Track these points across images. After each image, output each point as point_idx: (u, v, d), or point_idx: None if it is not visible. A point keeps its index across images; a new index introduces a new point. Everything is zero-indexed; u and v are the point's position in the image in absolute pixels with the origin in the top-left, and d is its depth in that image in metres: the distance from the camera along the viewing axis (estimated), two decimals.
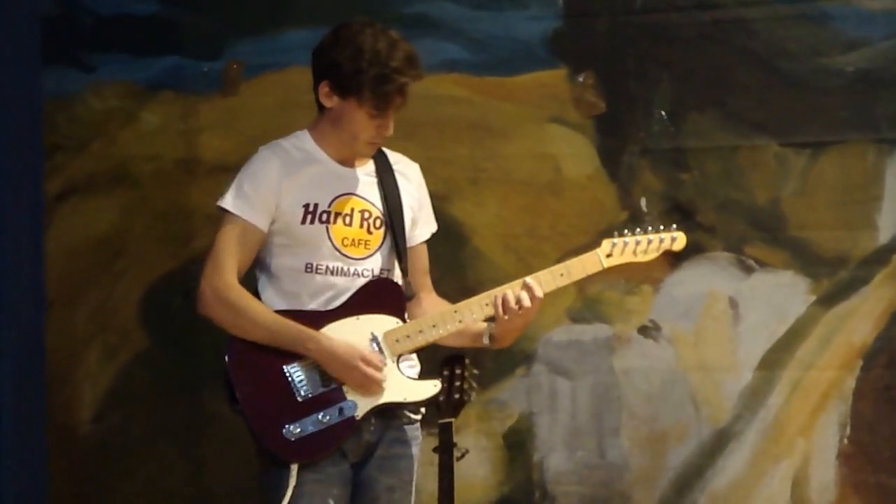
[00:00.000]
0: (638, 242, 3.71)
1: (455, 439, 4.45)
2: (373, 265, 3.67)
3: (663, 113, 5.06)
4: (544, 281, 3.65)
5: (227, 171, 3.69)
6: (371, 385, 3.54)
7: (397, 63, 3.58)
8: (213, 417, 5.24)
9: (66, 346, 5.44)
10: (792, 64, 4.94)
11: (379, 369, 3.56)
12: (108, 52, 5.42)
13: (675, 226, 3.75)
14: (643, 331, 5.08)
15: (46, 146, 5.38)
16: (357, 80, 3.56)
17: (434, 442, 4.07)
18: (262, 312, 3.56)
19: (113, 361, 5.44)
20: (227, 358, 3.56)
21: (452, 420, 4.46)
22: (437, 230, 3.96)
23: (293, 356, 3.56)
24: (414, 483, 3.70)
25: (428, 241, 3.91)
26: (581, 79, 5.12)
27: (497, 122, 5.16)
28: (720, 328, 5.03)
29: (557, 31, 5.13)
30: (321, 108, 3.67)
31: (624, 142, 5.08)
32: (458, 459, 4.52)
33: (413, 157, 5.07)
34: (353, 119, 3.61)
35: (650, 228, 3.72)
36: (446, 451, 4.45)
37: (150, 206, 5.43)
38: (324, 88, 3.62)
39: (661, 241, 3.74)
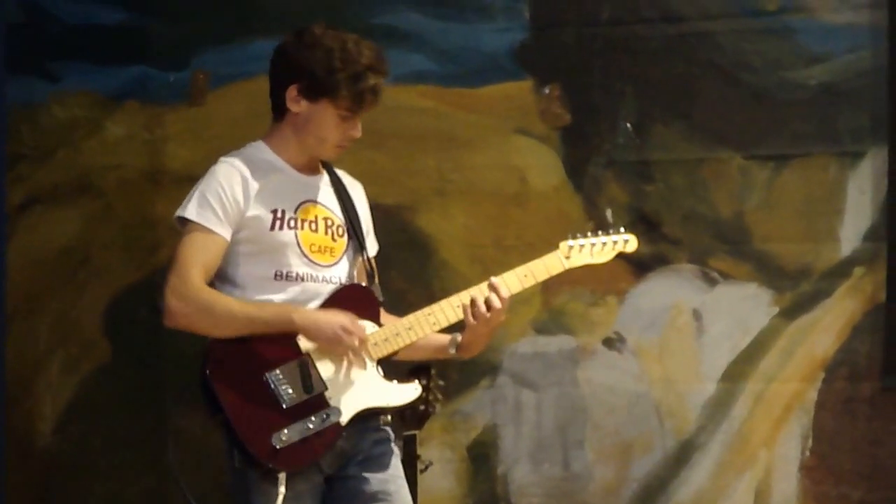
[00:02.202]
0: (593, 245, 3.74)
1: (419, 451, 4.46)
2: (339, 273, 3.65)
3: (628, 125, 5.08)
4: (510, 282, 3.65)
5: (193, 181, 3.66)
6: (357, 349, 3.51)
7: (368, 60, 3.58)
8: (177, 430, 5.22)
9: (27, 357, 5.41)
10: (756, 77, 4.98)
11: (363, 330, 3.54)
12: (73, 60, 5.41)
13: (623, 229, 3.78)
14: (608, 343, 5.10)
15: (9, 155, 5.36)
16: (331, 80, 3.55)
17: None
18: (237, 303, 3.52)
19: (75, 373, 5.41)
20: (206, 369, 3.49)
21: (416, 432, 4.46)
22: (404, 240, 3.95)
23: (274, 363, 3.52)
24: (404, 478, 3.65)
25: (393, 251, 3.89)
26: (547, 90, 5.14)
27: (463, 133, 5.18)
28: (684, 340, 5.04)
29: (524, 43, 5.15)
30: (280, 114, 3.64)
31: (589, 153, 5.10)
32: (422, 472, 4.52)
33: (380, 168, 5.11)
34: (323, 122, 3.59)
35: (600, 232, 3.75)
36: (410, 464, 4.45)
37: (114, 217, 5.41)
38: (291, 92, 3.60)
39: (615, 242, 3.78)
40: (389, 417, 3.67)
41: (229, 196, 3.56)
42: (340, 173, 3.76)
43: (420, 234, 5.17)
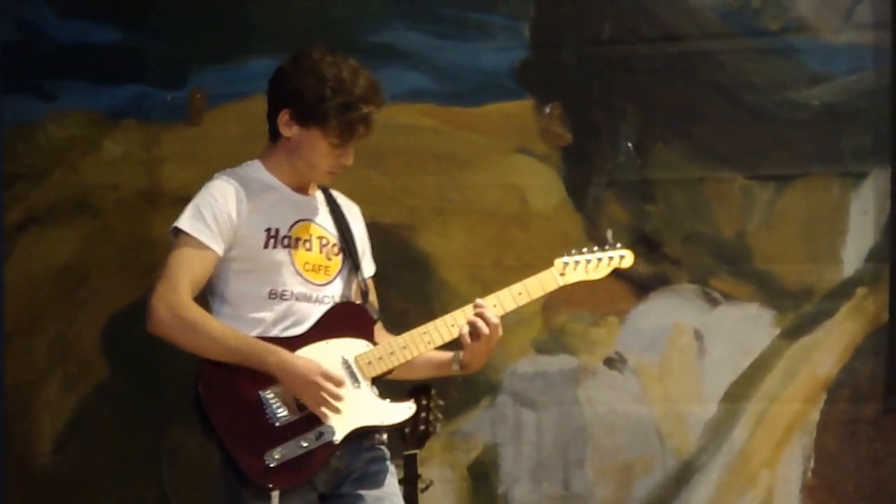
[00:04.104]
0: (588, 261, 3.73)
1: (419, 471, 4.45)
2: (333, 291, 3.65)
3: (629, 144, 5.08)
4: (504, 300, 3.64)
5: (190, 200, 3.66)
6: (328, 404, 3.51)
7: (361, 91, 3.57)
8: (174, 449, 5.21)
9: (25, 376, 5.40)
10: (757, 97, 4.98)
11: (340, 386, 3.53)
12: (69, 79, 5.40)
13: (619, 244, 3.77)
14: (608, 363, 5.09)
15: (6, 175, 5.35)
16: (321, 108, 3.55)
17: (398, 473, 4.05)
18: (220, 329, 3.52)
19: (73, 392, 5.40)
20: (199, 387, 3.51)
21: (417, 451, 4.46)
22: (403, 260, 3.94)
23: (267, 381, 3.52)
24: (400, 496, 3.64)
25: (392, 271, 3.87)
26: (547, 110, 5.14)
27: (463, 152, 5.18)
28: (685, 360, 5.04)
29: (524, 61, 5.15)
30: (275, 137, 3.64)
31: (590, 173, 5.10)
32: (423, 491, 4.52)
33: (379, 187, 5.11)
34: (314, 149, 3.59)
35: (596, 248, 3.74)
36: (410, 483, 4.44)
37: (111, 236, 5.41)
38: (283, 117, 3.60)
39: (611, 259, 3.77)
40: (385, 436, 3.66)
41: (223, 211, 3.56)
42: (336, 194, 3.77)
43: (419, 254, 5.16)
